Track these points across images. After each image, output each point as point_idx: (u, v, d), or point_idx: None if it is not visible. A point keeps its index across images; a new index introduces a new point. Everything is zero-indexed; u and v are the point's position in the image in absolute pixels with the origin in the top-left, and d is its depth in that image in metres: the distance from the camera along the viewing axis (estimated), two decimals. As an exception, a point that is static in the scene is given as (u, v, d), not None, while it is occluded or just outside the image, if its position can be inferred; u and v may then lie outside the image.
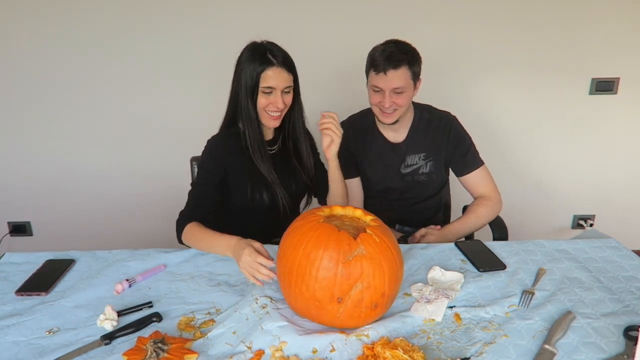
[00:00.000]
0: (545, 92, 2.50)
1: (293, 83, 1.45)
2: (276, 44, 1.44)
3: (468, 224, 1.68)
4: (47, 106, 2.42)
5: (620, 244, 1.43)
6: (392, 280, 1.04)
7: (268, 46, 1.42)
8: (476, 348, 0.99)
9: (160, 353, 0.93)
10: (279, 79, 1.40)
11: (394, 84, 1.54)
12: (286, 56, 1.43)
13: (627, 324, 1.06)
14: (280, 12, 2.31)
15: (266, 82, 1.40)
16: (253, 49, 1.42)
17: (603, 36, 2.40)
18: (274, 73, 1.39)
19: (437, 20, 2.34)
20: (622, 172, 2.66)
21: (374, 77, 1.57)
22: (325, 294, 1.00)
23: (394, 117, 1.62)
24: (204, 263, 1.34)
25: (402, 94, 1.57)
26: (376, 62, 1.55)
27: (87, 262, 1.34)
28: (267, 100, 1.42)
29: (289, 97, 1.45)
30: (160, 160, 2.53)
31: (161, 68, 2.38)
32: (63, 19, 2.28)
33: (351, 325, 1.04)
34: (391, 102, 1.57)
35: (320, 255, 1.00)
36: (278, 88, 1.41)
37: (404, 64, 1.54)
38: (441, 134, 1.73)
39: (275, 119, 1.45)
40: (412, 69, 1.56)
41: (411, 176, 1.75)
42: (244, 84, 1.42)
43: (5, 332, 1.04)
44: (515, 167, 2.63)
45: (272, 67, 1.39)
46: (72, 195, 2.57)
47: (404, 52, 1.55)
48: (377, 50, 1.57)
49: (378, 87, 1.57)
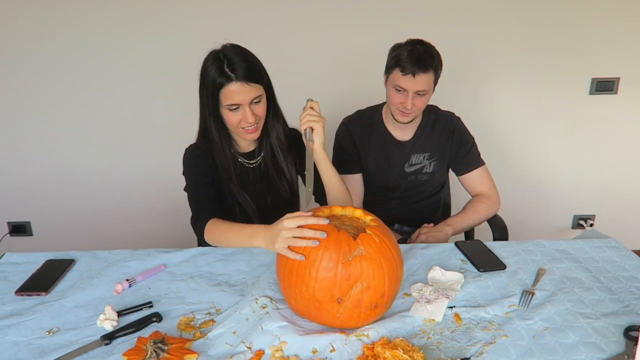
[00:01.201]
0: (545, 92, 2.50)
1: (264, 90, 1.32)
2: (239, 50, 1.30)
3: (466, 220, 1.69)
4: (47, 106, 2.42)
5: (620, 244, 1.43)
6: (392, 280, 1.03)
7: (228, 54, 1.27)
8: (476, 348, 0.99)
9: (160, 353, 0.93)
10: (242, 94, 1.26)
11: (419, 87, 1.54)
12: (248, 66, 1.27)
13: (627, 324, 1.06)
14: (278, 7, 2.31)
15: (229, 100, 1.27)
16: (212, 60, 1.29)
17: (603, 36, 2.40)
18: (236, 88, 1.26)
19: (436, 20, 2.34)
20: (622, 172, 2.66)
21: (400, 77, 1.54)
22: (325, 295, 1.00)
23: (411, 117, 1.64)
24: (204, 263, 1.34)
25: (423, 97, 1.58)
26: (403, 62, 1.52)
27: (87, 262, 1.34)
28: (237, 117, 1.30)
29: (261, 107, 1.33)
30: (160, 160, 2.53)
31: (161, 68, 2.38)
32: (63, 21, 2.28)
33: (351, 325, 1.04)
34: (413, 104, 1.57)
35: (320, 256, 1.00)
36: (244, 103, 1.28)
37: (432, 68, 1.54)
38: (446, 135, 1.74)
39: (252, 131, 1.34)
40: (436, 73, 1.57)
41: (414, 175, 1.76)
42: (205, 102, 1.31)
43: (5, 332, 1.04)
44: (515, 167, 2.63)
45: (231, 82, 1.25)
46: (72, 195, 2.57)
47: (432, 56, 1.54)
48: (404, 50, 1.54)
49: (402, 88, 1.55)
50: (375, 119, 1.76)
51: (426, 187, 1.79)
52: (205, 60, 1.31)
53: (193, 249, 1.39)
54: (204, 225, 1.30)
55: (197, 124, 1.47)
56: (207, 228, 1.30)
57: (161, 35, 2.33)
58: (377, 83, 1.73)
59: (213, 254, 1.37)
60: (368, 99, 1.83)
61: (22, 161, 2.52)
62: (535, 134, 2.58)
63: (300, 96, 1.43)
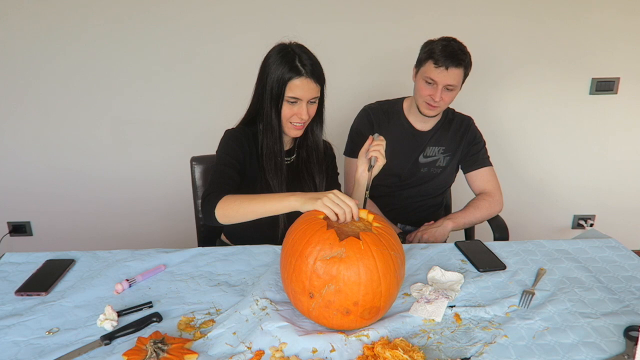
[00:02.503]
0: (545, 92, 2.50)
1: (320, 93, 1.38)
2: (306, 49, 1.36)
3: (467, 215, 1.71)
4: (47, 106, 2.42)
5: (620, 244, 1.43)
6: (369, 291, 0.98)
7: (297, 51, 1.33)
8: (476, 348, 0.99)
9: (160, 353, 0.93)
10: (306, 90, 1.32)
11: (449, 81, 1.57)
12: (315, 64, 1.34)
13: (627, 324, 1.06)
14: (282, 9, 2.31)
15: (292, 92, 1.33)
16: (281, 52, 1.33)
17: (603, 36, 2.40)
18: (301, 83, 1.32)
19: (436, 20, 2.34)
20: (622, 172, 2.66)
21: (432, 69, 1.58)
22: (298, 285, 1.01)
23: (437, 112, 1.67)
24: (204, 263, 1.34)
25: (452, 92, 1.61)
26: (437, 55, 1.56)
27: (87, 262, 1.34)
28: (291, 111, 1.36)
29: (314, 108, 1.39)
30: (160, 161, 2.53)
31: (161, 69, 2.38)
32: (63, 21, 2.28)
33: (324, 324, 1.04)
34: (441, 98, 1.60)
35: (301, 248, 1.02)
36: (304, 99, 1.34)
37: (464, 64, 1.58)
38: (461, 133, 1.79)
39: (299, 129, 1.40)
40: (466, 71, 1.61)
41: (427, 167, 1.79)
42: (269, 90, 1.34)
43: (5, 332, 1.04)
44: (516, 167, 2.63)
45: (300, 77, 1.31)
46: (72, 196, 2.57)
47: (465, 53, 1.59)
48: (438, 45, 1.58)
49: (433, 80, 1.58)
50: (395, 109, 1.79)
51: (436, 181, 1.81)
52: (272, 51, 1.36)
53: (193, 249, 1.39)
54: (220, 198, 1.26)
55: (197, 125, 1.49)
56: (225, 199, 1.26)
57: (162, 36, 2.33)
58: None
59: (213, 254, 1.37)
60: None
61: (22, 161, 2.52)
62: (535, 133, 2.58)
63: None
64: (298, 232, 1.06)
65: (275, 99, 1.35)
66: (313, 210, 1.12)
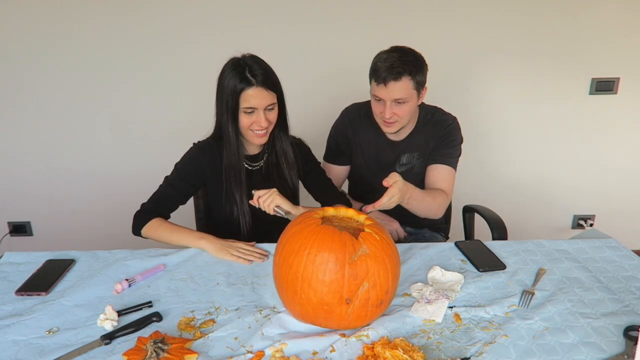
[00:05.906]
0: (545, 92, 2.50)
1: (277, 99, 1.41)
2: (258, 59, 1.40)
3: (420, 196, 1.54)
4: (47, 106, 2.42)
5: (620, 244, 1.43)
6: (395, 276, 1.06)
7: (248, 62, 1.38)
8: (476, 348, 0.99)
9: (160, 353, 0.93)
10: (260, 99, 1.36)
11: (394, 95, 1.50)
12: (267, 73, 1.38)
13: (627, 324, 1.06)
14: (278, 14, 2.31)
15: (247, 103, 1.37)
16: (233, 65, 1.39)
17: (603, 36, 2.40)
18: (254, 93, 1.36)
19: (435, 21, 2.34)
20: (622, 172, 2.66)
21: (375, 87, 1.53)
22: (334, 297, 0.99)
23: (396, 128, 1.60)
24: (204, 263, 1.34)
25: (403, 105, 1.53)
26: (378, 72, 1.50)
27: (87, 262, 1.34)
28: (250, 120, 1.39)
29: (273, 114, 1.42)
30: (159, 160, 2.50)
31: (160, 69, 2.38)
32: (63, 21, 2.28)
33: (358, 325, 1.04)
34: (392, 113, 1.53)
35: (326, 259, 1.00)
36: (260, 107, 1.38)
37: (406, 74, 1.48)
38: (436, 134, 1.68)
39: (261, 136, 1.43)
40: (415, 79, 1.50)
41: (404, 175, 1.72)
42: (225, 103, 1.39)
43: (5, 332, 1.04)
44: (515, 167, 2.63)
45: (252, 87, 1.35)
46: (72, 195, 2.57)
47: (405, 63, 1.48)
48: (380, 59, 1.52)
49: (379, 97, 1.53)
50: (372, 113, 1.70)
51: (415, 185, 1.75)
52: (226, 66, 1.41)
53: (193, 249, 1.39)
54: (150, 218, 1.44)
55: (197, 125, 1.52)
56: (153, 222, 1.44)
57: (161, 36, 2.33)
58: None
59: (212, 254, 1.37)
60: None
61: (22, 161, 2.51)
62: (535, 133, 2.58)
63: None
64: (312, 247, 1.02)
65: (232, 112, 1.39)
66: (307, 220, 1.09)
